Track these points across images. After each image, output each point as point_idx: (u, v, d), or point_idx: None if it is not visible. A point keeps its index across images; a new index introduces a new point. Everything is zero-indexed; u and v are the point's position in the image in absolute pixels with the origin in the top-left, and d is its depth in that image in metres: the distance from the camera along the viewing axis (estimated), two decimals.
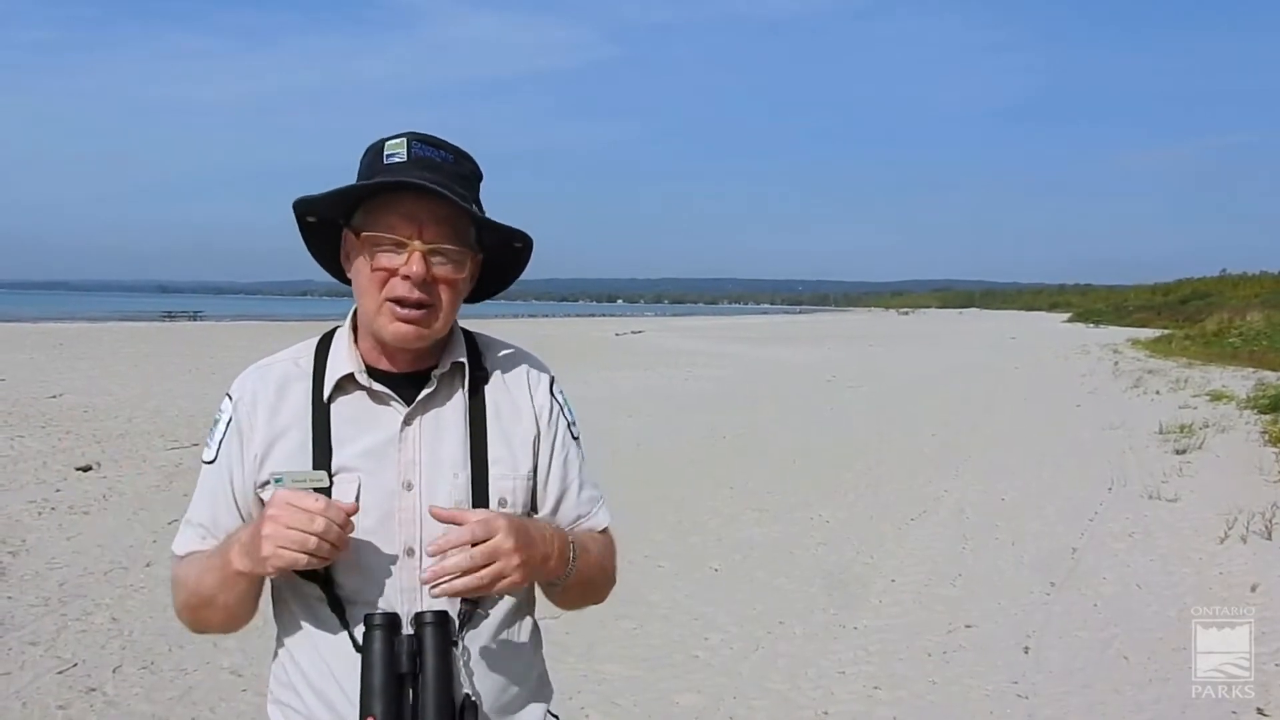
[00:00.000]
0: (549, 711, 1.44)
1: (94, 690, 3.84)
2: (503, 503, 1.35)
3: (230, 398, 1.37)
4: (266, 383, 1.36)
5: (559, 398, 1.45)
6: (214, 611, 1.32)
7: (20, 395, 12.52)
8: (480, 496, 1.34)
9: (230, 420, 1.35)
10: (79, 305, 76.43)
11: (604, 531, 1.47)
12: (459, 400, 1.37)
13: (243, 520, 1.33)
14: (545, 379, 1.45)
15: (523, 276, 1.46)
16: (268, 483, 1.30)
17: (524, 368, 1.44)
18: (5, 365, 16.68)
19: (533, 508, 1.41)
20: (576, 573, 1.33)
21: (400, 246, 1.27)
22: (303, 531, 1.16)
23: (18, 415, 10.79)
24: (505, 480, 1.36)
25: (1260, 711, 3.72)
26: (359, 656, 1.22)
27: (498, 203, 1.38)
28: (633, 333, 42.24)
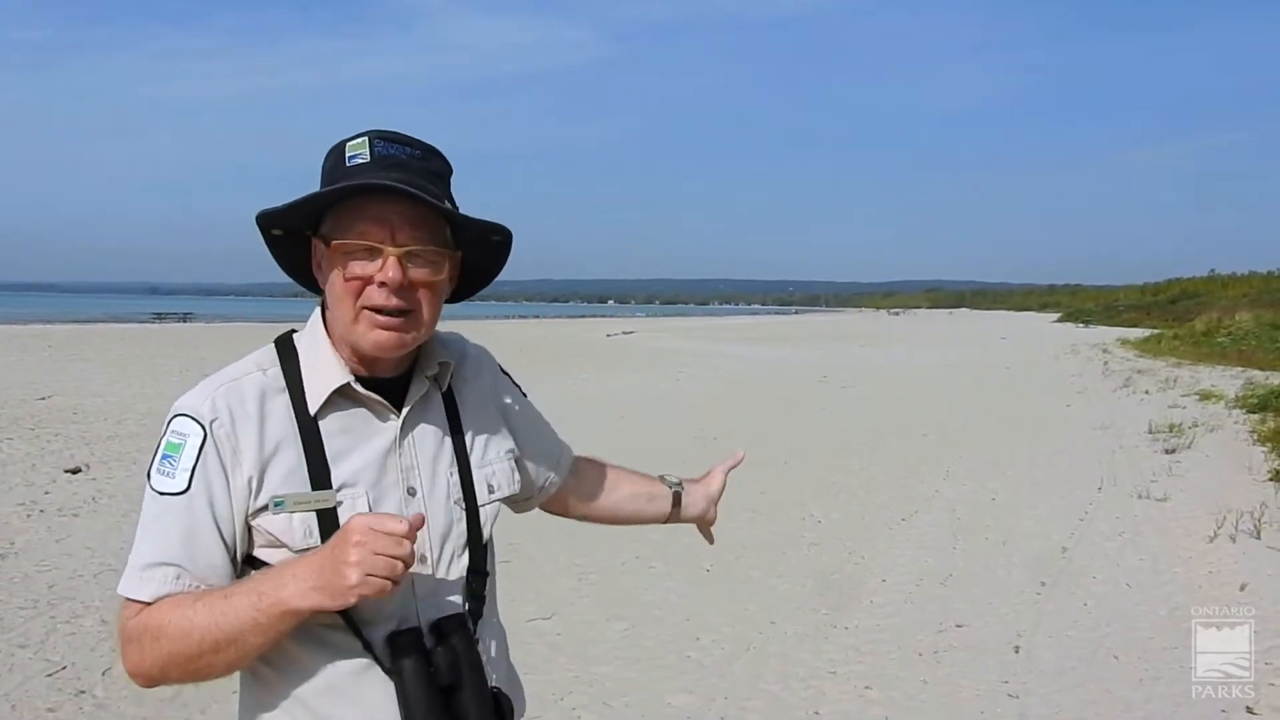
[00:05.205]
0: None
1: (83, 693, 3.83)
2: (491, 489, 1.38)
3: (192, 418, 1.21)
4: (243, 399, 1.23)
5: (506, 371, 1.52)
6: (226, 656, 1.15)
7: (8, 397, 12.45)
8: (469, 488, 1.35)
9: (204, 442, 1.20)
10: (68, 306, 76.07)
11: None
12: (437, 399, 1.35)
13: (228, 553, 1.21)
14: (488, 359, 1.49)
15: (515, 278, 1.44)
16: (264, 508, 1.21)
17: (469, 352, 1.46)
18: None
19: (522, 477, 1.48)
20: None
21: (373, 252, 1.21)
22: (391, 557, 1.10)
23: (6, 417, 10.72)
24: (487, 467, 1.39)
25: (1249, 710, 3.74)
26: (386, 679, 1.21)
27: (494, 203, 1.38)
28: (624, 333, 42.23)
